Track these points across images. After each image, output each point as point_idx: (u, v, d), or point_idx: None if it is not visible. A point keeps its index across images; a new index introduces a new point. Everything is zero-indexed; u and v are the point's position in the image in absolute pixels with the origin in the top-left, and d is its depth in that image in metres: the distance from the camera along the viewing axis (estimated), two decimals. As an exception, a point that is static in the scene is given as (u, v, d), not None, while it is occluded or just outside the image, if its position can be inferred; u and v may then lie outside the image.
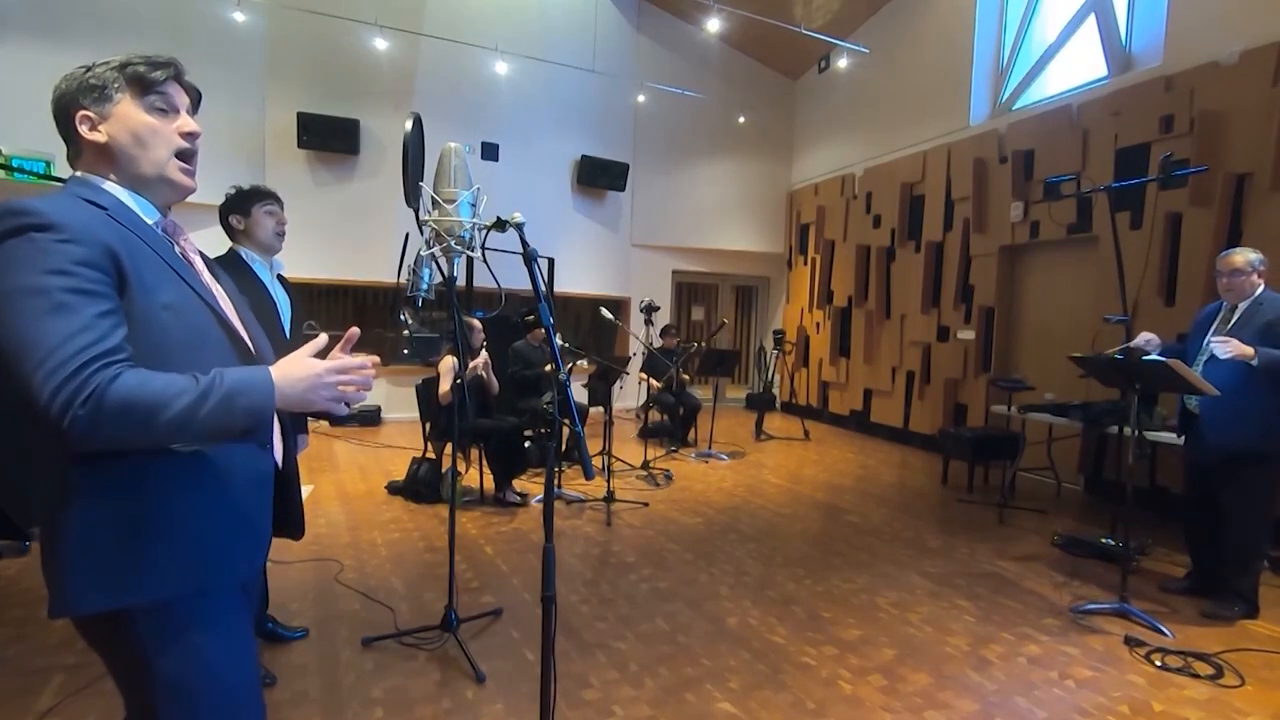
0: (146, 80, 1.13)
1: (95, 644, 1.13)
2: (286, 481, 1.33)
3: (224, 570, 1.15)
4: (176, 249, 1.18)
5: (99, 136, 1.11)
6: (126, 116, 1.12)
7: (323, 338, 1.15)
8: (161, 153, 1.14)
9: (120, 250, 1.03)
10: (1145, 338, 3.37)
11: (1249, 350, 2.93)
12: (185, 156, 1.18)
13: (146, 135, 1.13)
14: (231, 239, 2.46)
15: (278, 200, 2.50)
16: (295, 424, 1.41)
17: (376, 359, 1.18)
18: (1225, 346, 2.97)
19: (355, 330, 1.19)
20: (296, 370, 1.08)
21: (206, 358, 1.09)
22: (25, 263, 0.96)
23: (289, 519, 1.36)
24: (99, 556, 1.04)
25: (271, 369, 1.07)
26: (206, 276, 1.23)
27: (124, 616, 1.06)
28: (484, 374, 4.81)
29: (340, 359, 1.13)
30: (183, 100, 1.18)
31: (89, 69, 1.12)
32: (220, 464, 1.13)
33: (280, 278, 2.58)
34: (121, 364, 0.97)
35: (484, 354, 4.82)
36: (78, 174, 1.14)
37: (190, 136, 1.17)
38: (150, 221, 1.15)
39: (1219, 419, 3.14)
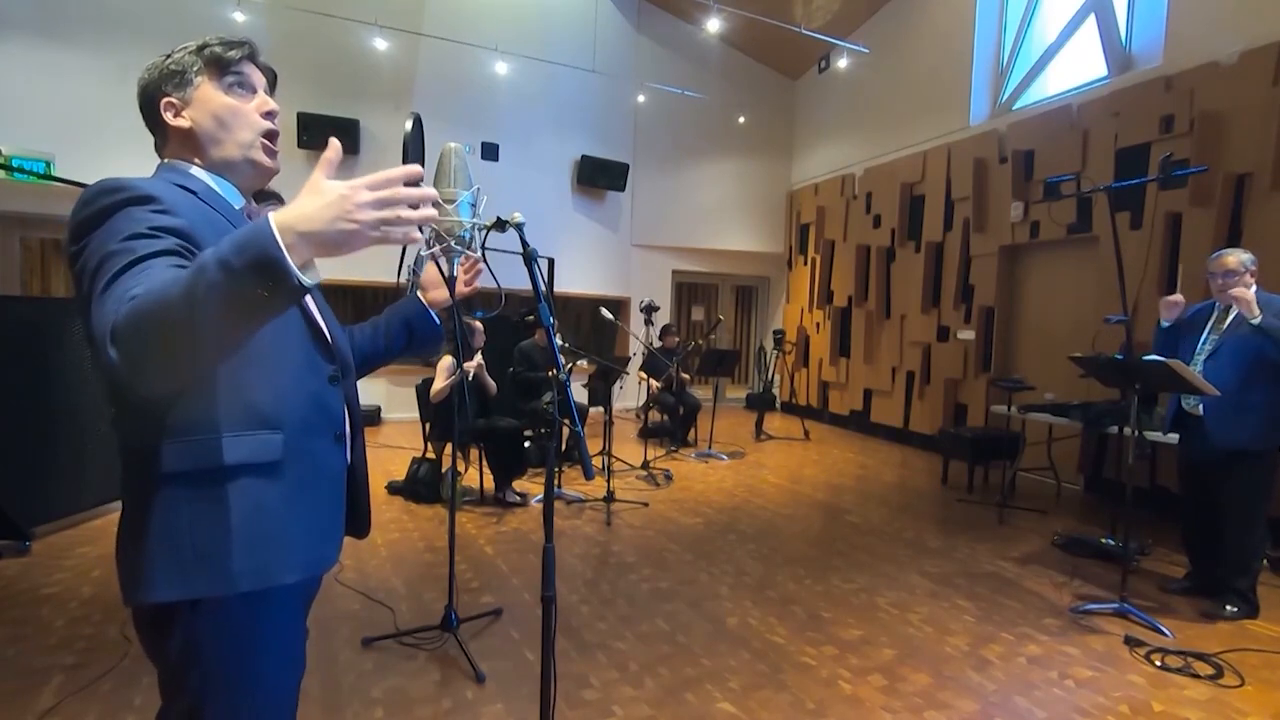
0: (223, 60, 1.14)
1: (150, 635, 1.11)
2: (356, 478, 1.31)
3: (295, 568, 1.13)
4: None
5: (183, 122, 1.12)
6: (207, 99, 1.12)
7: (333, 145, 0.89)
8: (246, 134, 1.15)
9: (209, 235, 1.03)
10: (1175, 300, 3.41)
11: (1255, 309, 2.97)
12: (269, 136, 1.18)
13: (228, 117, 1.13)
14: None
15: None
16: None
17: (418, 170, 0.86)
18: (1237, 297, 3.01)
19: (335, 143, 0.89)
20: (308, 202, 0.82)
21: (288, 344, 1.12)
22: (118, 232, 0.95)
23: (357, 516, 1.33)
24: (179, 545, 1.03)
25: (274, 212, 0.83)
26: None
27: (187, 608, 1.05)
28: (481, 375, 4.81)
29: (373, 174, 0.84)
30: (259, 80, 1.19)
31: (169, 55, 1.13)
32: (302, 456, 1.12)
33: None
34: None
35: (479, 356, 4.82)
36: (166, 161, 1.15)
37: (271, 115, 1.18)
38: (237, 208, 1.16)
39: (1223, 417, 3.13)
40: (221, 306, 0.80)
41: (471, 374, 4.67)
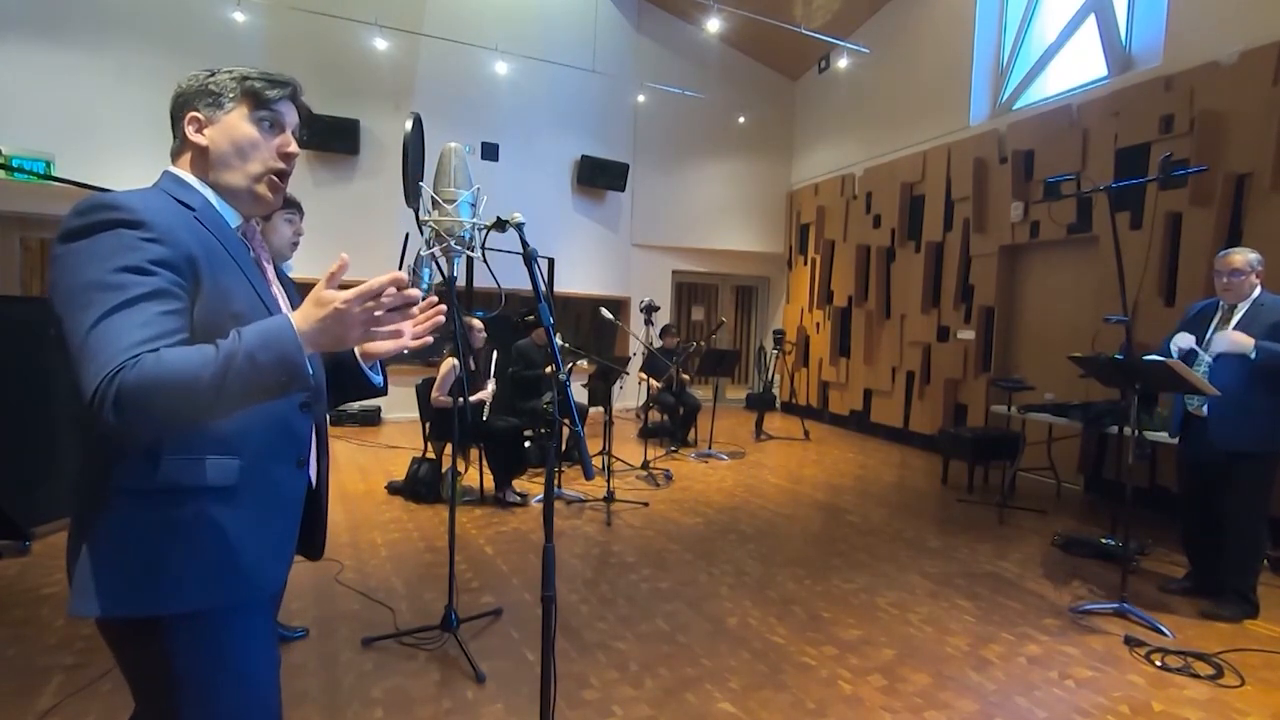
0: (261, 97, 1.16)
1: (116, 646, 1.11)
2: (317, 500, 1.31)
3: (253, 585, 1.14)
4: (251, 255, 1.20)
5: (201, 139, 1.15)
6: (232, 126, 1.15)
7: (342, 258, 1.01)
8: (256, 167, 1.17)
9: (200, 256, 1.05)
10: (1187, 341, 3.27)
11: (1248, 341, 2.97)
12: (279, 175, 1.20)
13: (246, 147, 1.15)
14: None
15: (299, 209, 2.45)
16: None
17: (401, 277, 1.01)
18: (1224, 340, 3.04)
19: (344, 257, 1.03)
20: (313, 312, 0.98)
21: None
22: (107, 256, 0.97)
23: (313, 538, 1.34)
24: (133, 560, 1.04)
25: (291, 314, 0.99)
26: (275, 286, 1.26)
27: (154, 623, 1.06)
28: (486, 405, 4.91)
29: (362, 285, 0.98)
30: (291, 119, 1.21)
31: (212, 74, 1.16)
32: (259, 481, 1.13)
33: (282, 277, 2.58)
34: (151, 351, 0.93)
35: (491, 384, 4.91)
36: (172, 170, 1.17)
37: (288, 157, 1.20)
38: (232, 226, 1.18)
39: (1226, 418, 3.13)
40: (243, 391, 0.94)
41: (485, 413, 4.76)
